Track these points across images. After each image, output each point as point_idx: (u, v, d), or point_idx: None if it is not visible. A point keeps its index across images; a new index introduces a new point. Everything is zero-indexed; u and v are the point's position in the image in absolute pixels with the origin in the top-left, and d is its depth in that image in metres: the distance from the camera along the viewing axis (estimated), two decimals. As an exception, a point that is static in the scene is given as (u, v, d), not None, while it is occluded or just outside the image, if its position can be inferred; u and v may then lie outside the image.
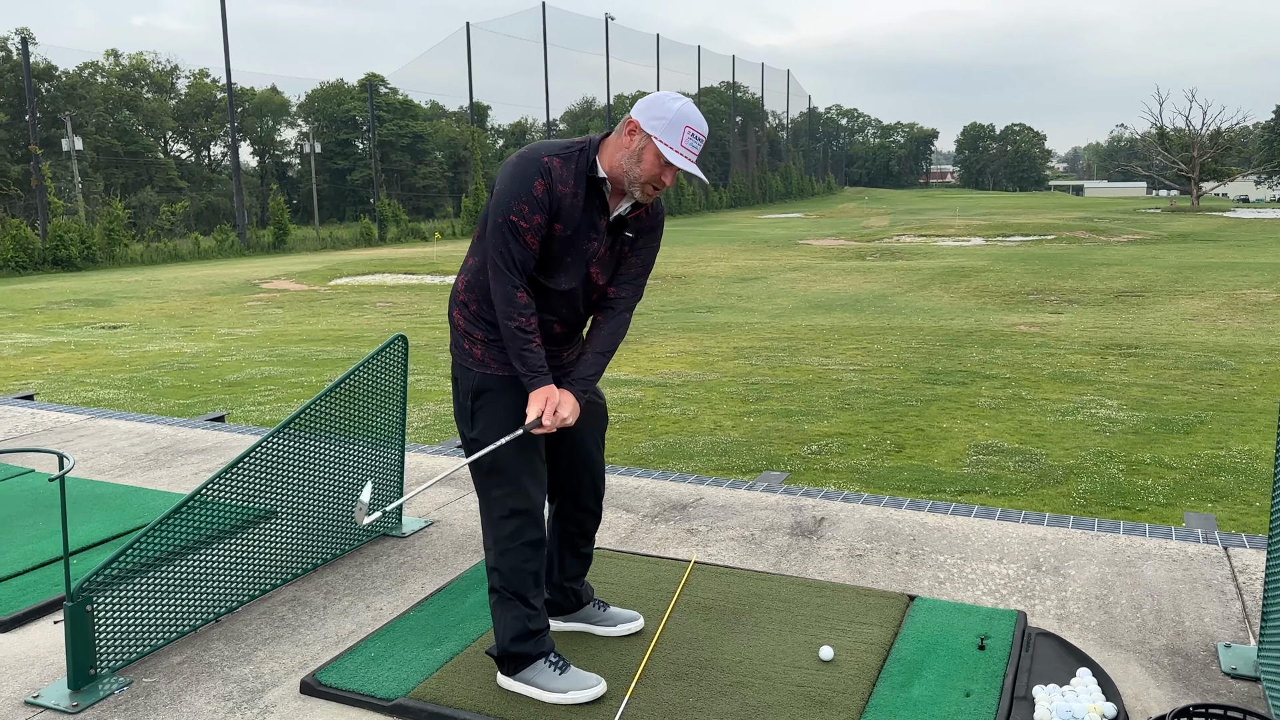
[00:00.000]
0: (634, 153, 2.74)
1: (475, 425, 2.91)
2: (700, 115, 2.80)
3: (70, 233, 33.73)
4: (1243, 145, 64.70)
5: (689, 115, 2.75)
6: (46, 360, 12.75)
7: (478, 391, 2.90)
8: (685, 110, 2.74)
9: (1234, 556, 3.91)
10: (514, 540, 2.89)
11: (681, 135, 2.73)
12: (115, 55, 57.30)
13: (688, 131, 2.74)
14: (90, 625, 3.09)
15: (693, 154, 2.76)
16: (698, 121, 2.76)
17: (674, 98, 2.78)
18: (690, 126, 2.74)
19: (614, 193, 2.83)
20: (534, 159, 2.73)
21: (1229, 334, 13.69)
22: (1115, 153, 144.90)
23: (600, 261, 2.90)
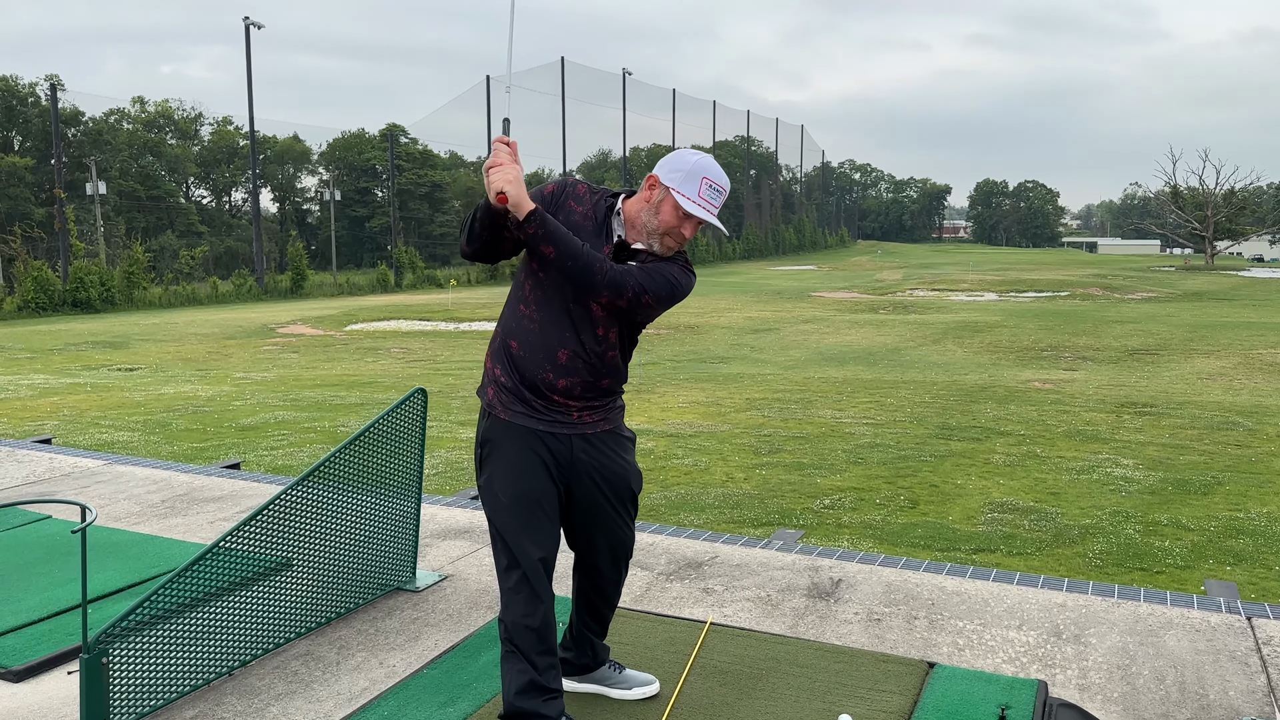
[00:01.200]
0: (653, 206, 2.80)
1: (482, 473, 2.96)
2: (720, 169, 2.84)
3: (90, 275, 34.14)
4: (1257, 205, 64.89)
5: (707, 167, 2.79)
6: (63, 402, 12.84)
7: (484, 440, 2.95)
8: (703, 162, 2.80)
9: (1258, 627, 3.85)
10: (514, 593, 2.87)
11: (699, 186, 2.78)
12: (141, 102, 58.44)
13: (705, 182, 2.78)
14: (106, 677, 3.07)
15: (712, 205, 2.79)
16: (716, 174, 2.80)
17: (692, 152, 2.85)
18: (708, 178, 2.79)
19: (629, 234, 2.87)
20: (563, 178, 2.84)
21: (1245, 394, 13.61)
22: (1129, 210, 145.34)
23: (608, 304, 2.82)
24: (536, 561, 2.85)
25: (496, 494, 2.88)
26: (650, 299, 2.79)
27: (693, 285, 2.93)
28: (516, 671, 2.89)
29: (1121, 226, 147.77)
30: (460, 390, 13.96)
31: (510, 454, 2.86)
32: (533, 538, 2.85)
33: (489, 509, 2.90)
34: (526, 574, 2.84)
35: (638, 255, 2.86)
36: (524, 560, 2.84)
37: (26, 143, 50.68)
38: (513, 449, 2.86)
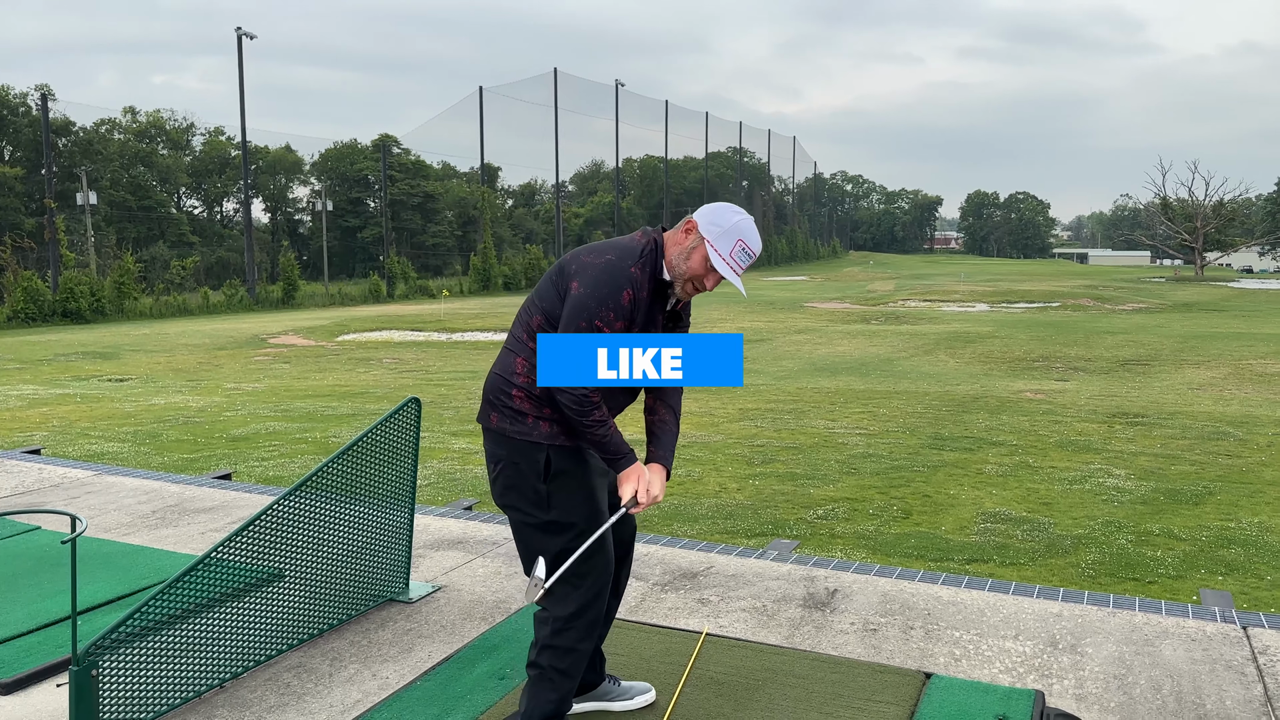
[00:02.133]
0: (686, 250, 2.83)
1: (552, 507, 2.85)
2: (756, 233, 2.88)
3: (81, 285, 34.02)
4: (1246, 216, 65.35)
5: (744, 230, 2.83)
6: (52, 412, 12.76)
7: (554, 472, 2.84)
8: (742, 225, 2.83)
9: (1253, 637, 3.85)
10: (581, 617, 2.86)
11: (733, 246, 2.82)
12: (133, 112, 58.35)
13: (740, 245, 2.82)
14: (95, 690, 3.04)
15: (739, 266, 2.84)
16: (753, 238, 2.84)
17: (735, 211, 2.86)
18: (743, 241, 2.83)
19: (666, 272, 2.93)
20: (623, 269, 2.76)
21: (1236, 404, 13.66)
22: (1119, 221, 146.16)
23: None
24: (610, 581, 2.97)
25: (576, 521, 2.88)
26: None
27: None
28: (553, 698, 2.90)
29: (1112, 238, 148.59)
30: (453, 401, 13.93)
31: (588, 479, 2.90)
32: (609, 556, 2.93)
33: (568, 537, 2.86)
34: (604, 596, 2.93)
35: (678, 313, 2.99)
36: (608, 581, 2.93)
37: (17, 152, 50.54)
38: (588, 474, 2.90)
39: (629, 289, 2.75)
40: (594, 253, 2.82)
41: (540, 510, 2.86)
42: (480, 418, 2.95)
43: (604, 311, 2.72)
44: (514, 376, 2.87)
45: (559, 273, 2.83)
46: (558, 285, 2.80)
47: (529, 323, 2.85)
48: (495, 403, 2.89)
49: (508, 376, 2.88)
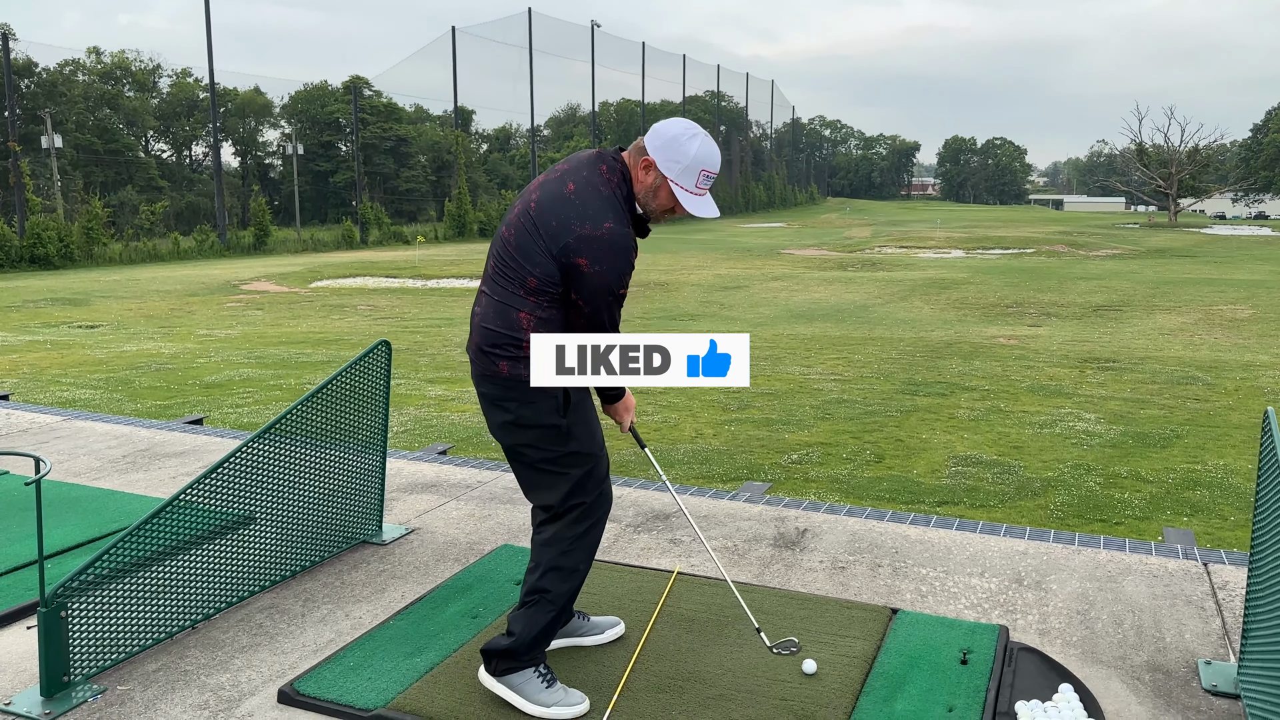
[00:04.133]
0: (651, 189, 2.83)
1: (573, 439, 2.91)
2: (715, 149, 2.82)
3: (48, 231, 33.42)
4: (1220, 163, 65.56)
5: (704, 159, 2.79)
6: (22, 359, 12.61)
7: (573, 404, 2.91)
8: (701, 154, 2.78)
9: (1213, 573, 3.93)
10: (587, 538, 2.96)
11: (697, 178, 2.80)
12: (97, 53, 56.85)
13: (703, 174, 2.80)
14: (64, 631, 3.04)
15: (706, 191, 2.83)
16: (712, 160, 2.81)
17: (690, 136, 2.79)
18: (706, 169, 2.80)
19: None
20: (625, 233, 2.77)
21: (1205, 349, 13.83)
22: (1095, 168, 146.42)
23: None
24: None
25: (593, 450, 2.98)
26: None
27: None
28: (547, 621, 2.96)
29: (1088, 184, 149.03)
30: (429, 347, 13.86)
31: (590, 405, 3.02)
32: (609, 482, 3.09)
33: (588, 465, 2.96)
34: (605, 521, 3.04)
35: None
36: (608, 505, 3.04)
37: (-23, 94, 49.19)
38: (590, 401, 3.02)
39: (634, 250, 2.82)
40: (585, 218, 2.71)
41: (561, 444, 2.90)
42: (483, 370, 2.89)
43: (623, 280, 2.80)
44: (520, 331, 2.82)
45: (550, 237, 2.73)
46: (552, 253, 2.73)
47: (524, 281, 2.79)
48: (501, 353, 2.85)
49: (512, 332, 2.83)
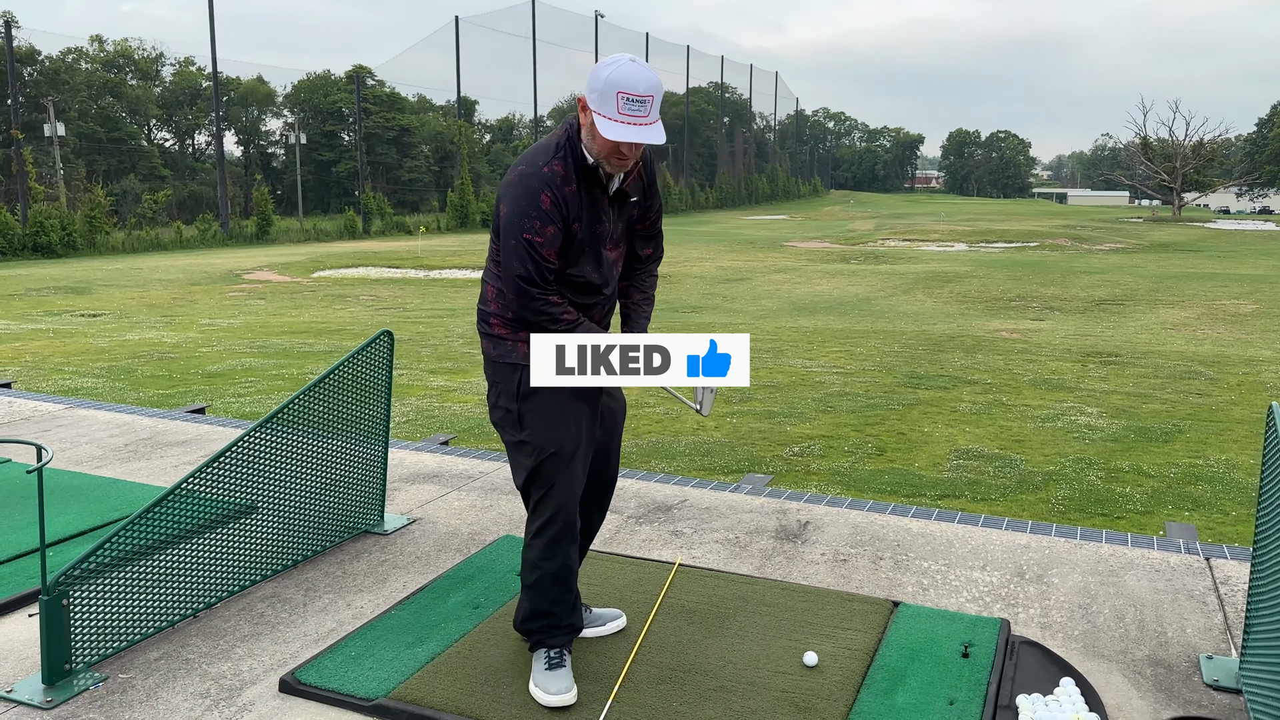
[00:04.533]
0: (588, 128, 2.67)
1: (524, 427, 2.87)
2: (638, 70, 2.55)
3: (51, 219, 33.40)
4: (1225, 157, 65.36)
5: (619, 79, 2.52)
6: (25, 347, 12.61)
7: (525, 393, 2.85)
8: (615, 75, 2.53)
9: (1216, 568, 3.93)
10: (543, 535, 2.92)
11: (616, 103, 2.53)
12: (100, 41, 56.78)
13: (621, 97, 2.52)
14: (66, 619, 3.04)
15: (634, 119, 2.54)
16: (631, 81, 2.53)
17: (609, 62, 2.57)
18: (623, 90, 2.52)
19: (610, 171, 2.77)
20: (534, 173, 2.67)
21: (1208, 344, 13.81)
22: (1099, 161, 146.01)
23: (614, 237, 2.90)
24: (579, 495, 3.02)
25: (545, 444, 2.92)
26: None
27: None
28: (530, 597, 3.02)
29: (1091, 177, 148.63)
30: (431, 338, 13.86)
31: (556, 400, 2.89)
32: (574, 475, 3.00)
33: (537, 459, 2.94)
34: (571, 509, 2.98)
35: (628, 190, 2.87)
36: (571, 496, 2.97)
37: (-20, 82, 49.16)
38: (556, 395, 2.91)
39: (545, 191, 2.65)
40: (511, 169, 2.77)
41: (515, 430, 2.90)
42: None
43: (529, 222, 2.66)
44: (488, 304, 2.92)
45: (498, 200, 2.81)
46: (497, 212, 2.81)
47: (492, 252, 2.88)
48: (481, 331, 2.96)
49: (484, 306, 2.94)
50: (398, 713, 2.87)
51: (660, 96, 2.59)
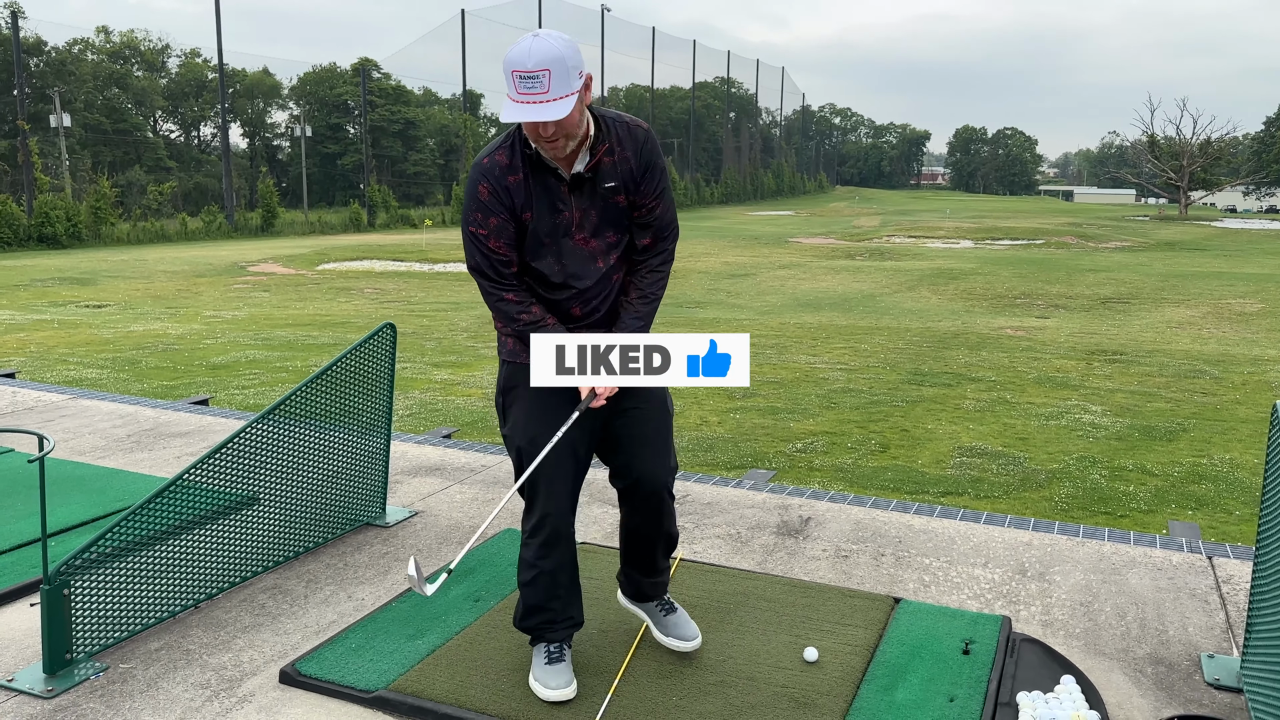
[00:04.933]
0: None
1: (506, 421, 2.89)
2: (532, 43, 2.41)
3: (56, 210, 33.44)
4: (1232, 156, 65.08)
5: (511, 57, 2.40)
6: (29, 338, 12.63)
7: (507, 387, 2.89)
8: (510, 54, 2.41)
9: (1218, 567, 3.92)
10: (536, 535, 2.88)
11: (513, 83, 2.42)
12: (106, 32, 56.79)
13: (515, 76, 2.40)
14: (67, 609, 3.04)
15: (531, 96, 2.40)
16: (520, 57, 2.39)
17: (517, 43, 2.45)
18: (515, 69, 2.39)
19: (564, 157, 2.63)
20: (476, 165, 2.66)
21: (1213, 343, 13.77)
22: (1106, 159, 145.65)
23: (585, 226, 2.73)
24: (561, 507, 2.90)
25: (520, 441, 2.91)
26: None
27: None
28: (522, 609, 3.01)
29: (1098, 175, 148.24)
30: (434, 332, 13.86)
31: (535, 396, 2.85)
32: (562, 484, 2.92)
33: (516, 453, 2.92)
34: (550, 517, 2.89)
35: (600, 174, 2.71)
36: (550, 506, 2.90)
37: (-13, 72, 49.23)
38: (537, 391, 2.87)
39: (483, 182, 2.64)
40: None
41: (502, 423, 2.94)
42: None
43: (470, 215, 2.68)
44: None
45: None
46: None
47: None
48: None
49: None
50: (398, 704, 2.88)
51: (563, 68, 2.40)
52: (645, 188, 2.75)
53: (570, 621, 3.01)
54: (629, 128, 2.72)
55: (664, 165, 2.80)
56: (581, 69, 2.48)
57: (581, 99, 2.50)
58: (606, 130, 2.68)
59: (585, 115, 2.59)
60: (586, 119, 2.61)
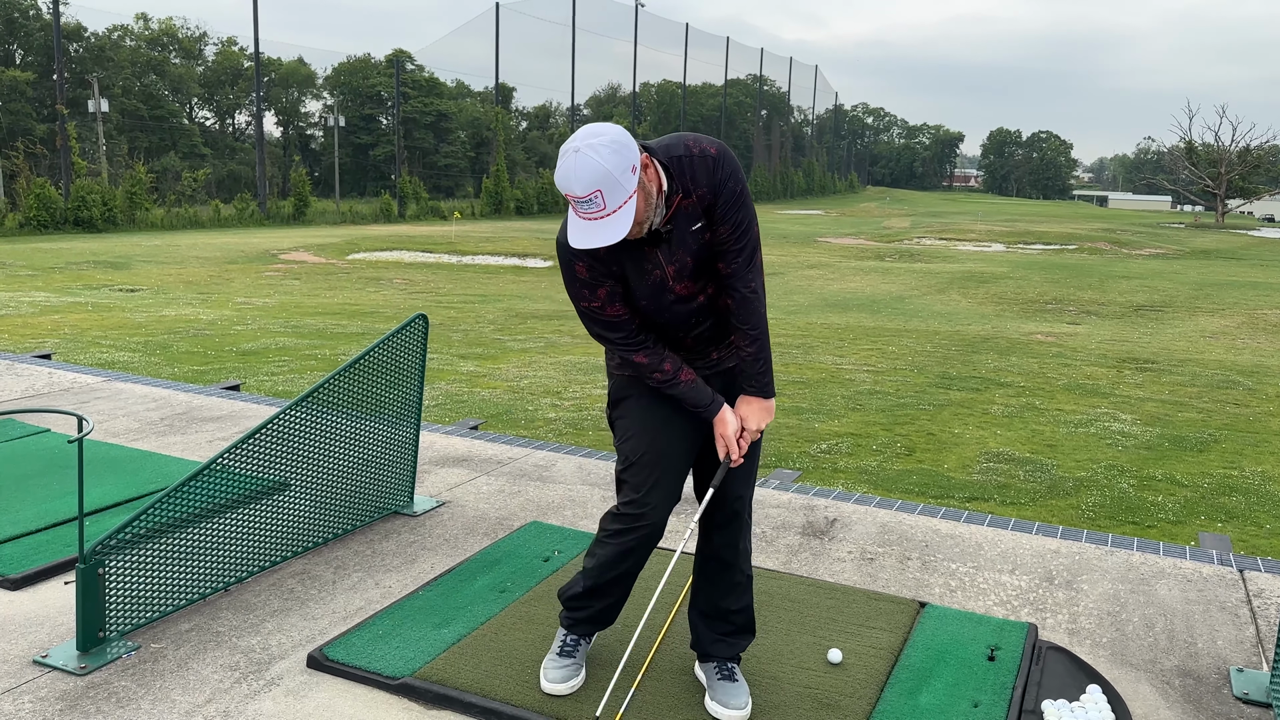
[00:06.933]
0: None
1: (615, 433, 2.84)
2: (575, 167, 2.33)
3: (93, 194, 33.85)
4: (1271, 164, 64.04)
5: (560, 180, 2.36)
6: (64, 320, 12.82)
7: (615, 400, 2.85)
8: (558, 175, 2.36)
9: (1249, 580, 3.88)
10: (619, 536, 2.80)
11: (572, 204, 2.41)
12: (145, 19, 57.42)
13: (570, 198, 2.38)
14: (101, 588, 3.10)
15: (589, 215, 2.37)
16: (567, 182, 2.34)
17: (561, 152, 2.37)
18: (567, 193, 2.36)
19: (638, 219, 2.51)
20: (563, 245, 2.56)
21: (1248, 353, 13.58)
22: (1141, 165, 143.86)
23: (683, 276, 2.63)
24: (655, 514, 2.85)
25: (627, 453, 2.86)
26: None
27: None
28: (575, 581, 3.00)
29: (1133, 181, 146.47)
30: (462, 323, 13.93)
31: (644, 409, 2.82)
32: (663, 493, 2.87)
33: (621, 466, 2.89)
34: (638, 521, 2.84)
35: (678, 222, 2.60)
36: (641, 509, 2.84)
37: (28, 57, 49.94)
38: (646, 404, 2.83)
39: (577, 262, 2.58)
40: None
41: (613, 433, 2.87)
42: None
43: (577, 292, 2.62)
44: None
45: None
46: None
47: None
48: None
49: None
50: (423, 692, 2.90)
51: (613, 181, 2.32)
52: (722, 209, 2.58)
53: (600, 620, 3.00)
54: (696, 161, 2.54)
55: (736, 186, 2.59)
56: (634, 163, 2.37)
57: (642, 185, 2.42)
58: (679, 174, 2.54)
59: (652, 187, 2.47)
60: (655, 184, 2.48)
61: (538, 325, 13.90)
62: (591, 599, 2.94)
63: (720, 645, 2.93)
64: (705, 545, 2.93)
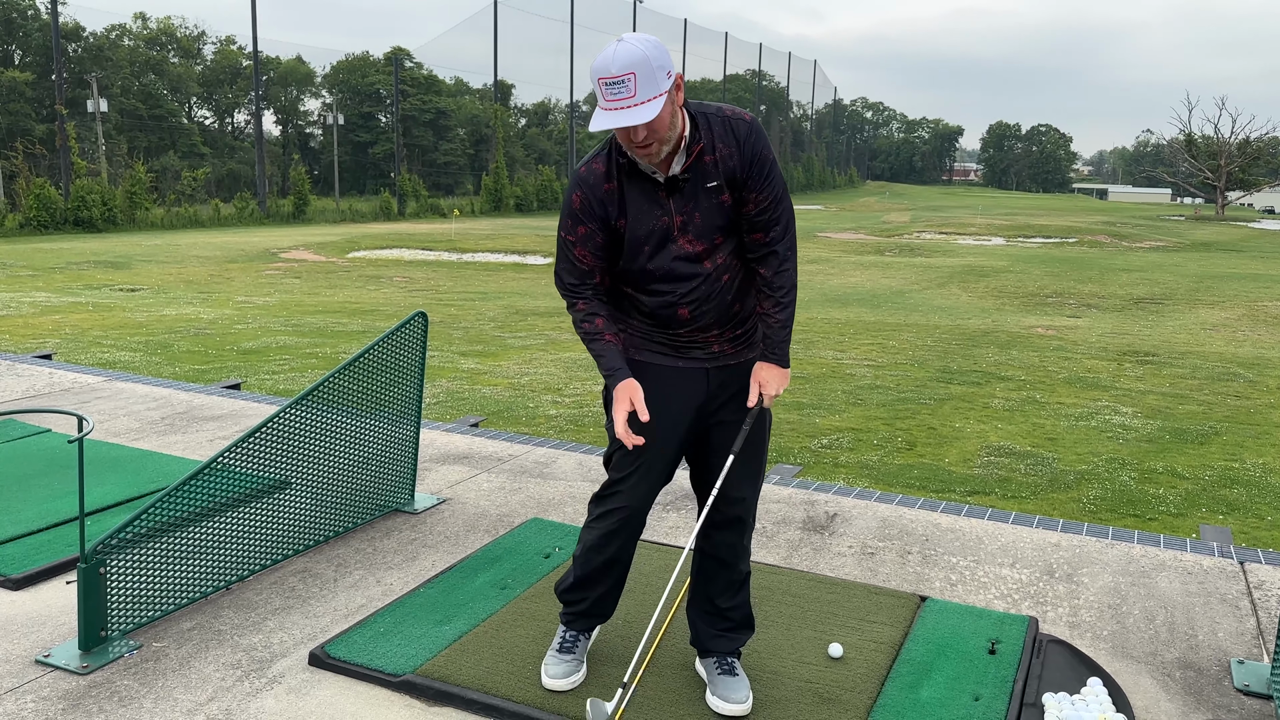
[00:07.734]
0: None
1: (607, 413, 2.79)
2: (616, 49, 2.40)
3: (92, 194, 33.85)
4: (1271, 156, 63.93)
5: (597, 65, 2.40)
6: (64, 320, 12.83)
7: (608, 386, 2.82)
8: (596, 62, 2.41)
9: (1250, 572, 3.88)
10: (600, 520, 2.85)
11: (601, 91, 2.41)
12: (143, 18, 57.40)
13: (602, 83, 2.39)
14: (103, 587, 3.10)
15: (618, 101, 2.39)
16: (605, 63, 2.38)
17: (602, 51, 2.43)
18: (602, 76, 2.39)
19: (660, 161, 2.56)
20: (574, 173, 2.64)
21: (1248, 346, 13.58)
22: (1141, 158, 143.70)
23: (688, 229, 2.62)
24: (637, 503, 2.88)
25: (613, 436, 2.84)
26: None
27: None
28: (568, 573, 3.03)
29: (1133, 174, 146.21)
30: (462, 321, 13.93)
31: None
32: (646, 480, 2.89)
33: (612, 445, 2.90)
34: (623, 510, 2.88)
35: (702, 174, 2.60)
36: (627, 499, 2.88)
37: (27, 57, 49.94)
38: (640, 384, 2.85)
39: (576, 191, 2.62)
40: None
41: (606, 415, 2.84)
42: None
43: (564, 220, 2.66)
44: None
45: None
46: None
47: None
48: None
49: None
50: (425, 689, 2.91)
51: (649, 69, 2.37)
52: (753, 182, 2.60)
53: (597, 614, 3.00)
54: (728, 122, 2.58)
55: (772, 156, 2.64)
56: (670, 69, 2.42)
57: (672, 99, 2.44)
58: (705, 128, 2.57)
59: (678, 116, 2.50)
60: (681, 119, 2.52)
61: (538, 322, 13.90)
62: (584, 589, 2.95)
63: (719, 641, 2.94)
64: (705, 543, 2.93)
